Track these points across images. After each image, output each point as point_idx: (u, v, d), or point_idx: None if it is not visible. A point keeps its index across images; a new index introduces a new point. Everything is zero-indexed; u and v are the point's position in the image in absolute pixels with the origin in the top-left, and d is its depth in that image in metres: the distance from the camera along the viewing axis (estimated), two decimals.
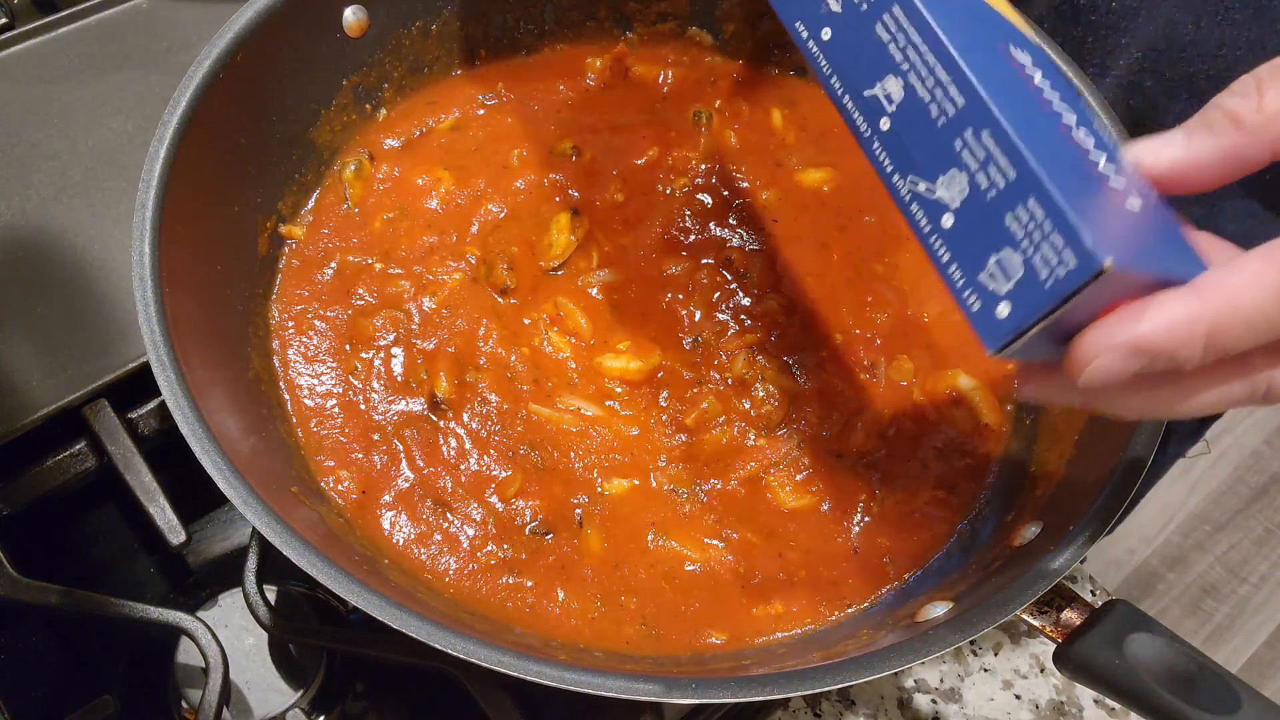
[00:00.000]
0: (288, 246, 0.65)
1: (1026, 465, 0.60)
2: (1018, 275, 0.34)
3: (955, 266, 0.35)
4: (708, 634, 0.56)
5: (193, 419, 0.48)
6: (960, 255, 0.35)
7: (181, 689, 0.59)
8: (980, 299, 0.35)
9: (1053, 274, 0.33)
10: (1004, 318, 0.34)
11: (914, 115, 0.38)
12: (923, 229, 0.36)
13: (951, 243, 0.35)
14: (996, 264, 0.35)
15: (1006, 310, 0.34)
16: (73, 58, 0.74)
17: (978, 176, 0.35)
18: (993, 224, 0.35)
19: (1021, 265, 0.34)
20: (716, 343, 0.64)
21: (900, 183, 0.38)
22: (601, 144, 0.71)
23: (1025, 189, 0.34)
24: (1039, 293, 0.34)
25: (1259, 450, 1.95)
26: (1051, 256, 0.33)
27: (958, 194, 0.36)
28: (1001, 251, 0.34)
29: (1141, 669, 0.47)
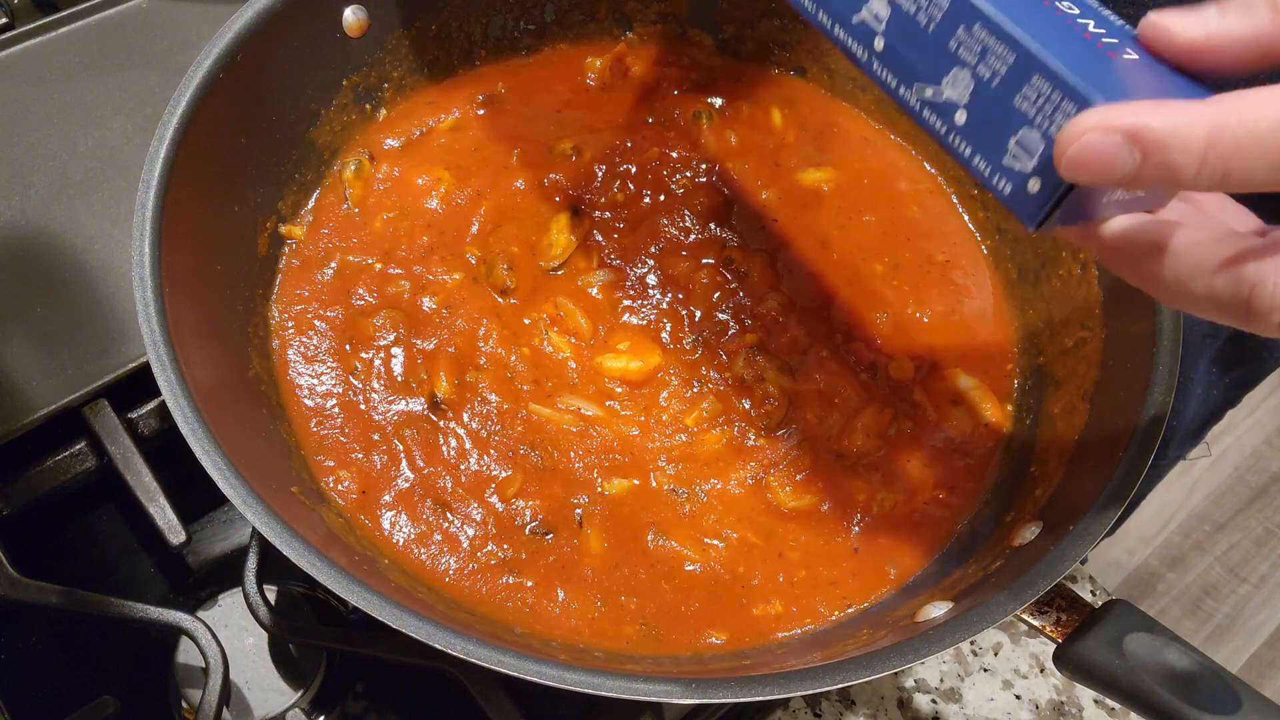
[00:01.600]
0: (288, 246, 0.65)
1: (1026, 465, 0.60)
2: (1040, 149, 0.35)
3: (979, 157, 0.36)
4: (708, 634, 0.56)
5: (193, 419, 0.48)
6: (981, 145, 0.36)
7: (181, 689, 0.59)
8: (1009, 181, 0.36)
9: None
10: (1036, 192, 0.35)
11: (904, 28, 0.39)
12: (940, 132, 0.37)
13: (970, 136, 0.37)
14: (1017, 145, 0.36)
15: (1037, 185, 0.35)
16: (73, 58, 0.74)
17: (979, 69, 0.37)
18: (1004, 109, 0.36)
19: (1041, 139, 0.35)
20: (716, 343, 0.64)
21: (908, 94, 0.38)
22: (601, 144, 0.71)
23: (1027, 69, 0.35)
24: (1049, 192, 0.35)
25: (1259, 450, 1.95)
26: (1063, 121, 0.34)
27: (964, 90, 0.37)
28: (1019, 132, 0.35)
29: (1141, 669, 0.47)
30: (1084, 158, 0.33)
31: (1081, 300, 0.62)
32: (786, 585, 0.58)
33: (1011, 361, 0.66)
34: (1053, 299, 0.64)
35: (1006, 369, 0.65)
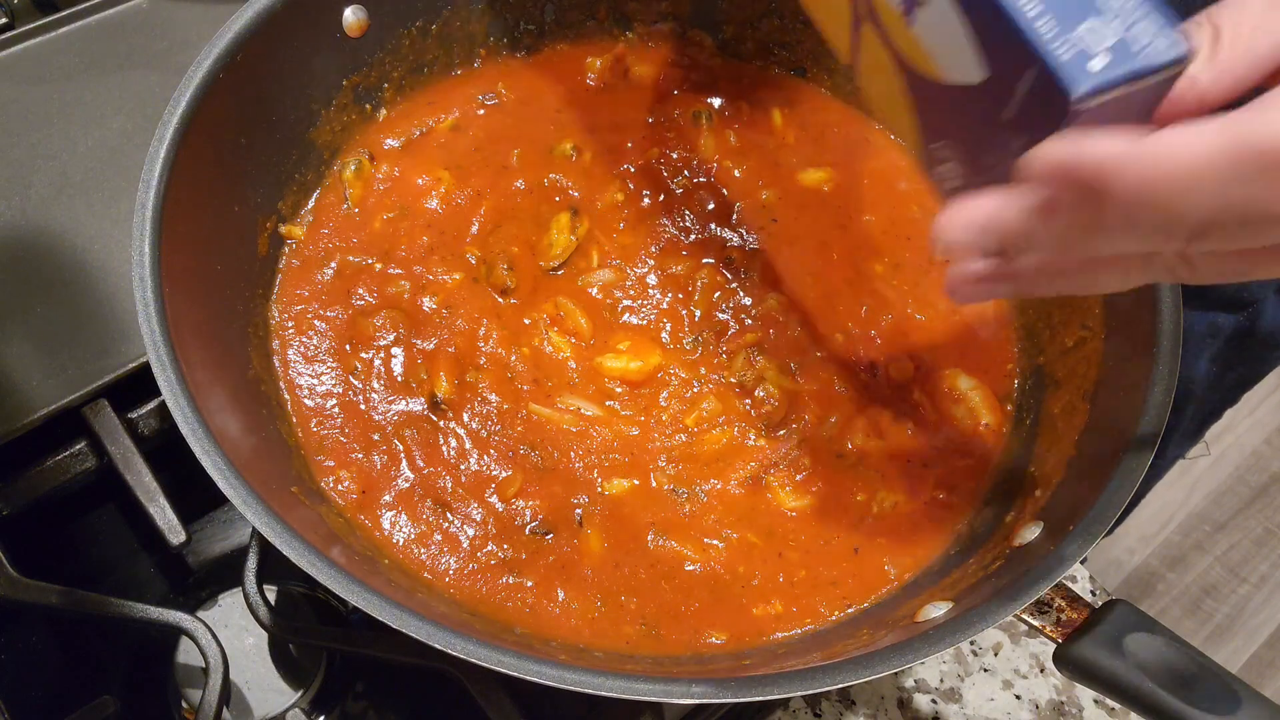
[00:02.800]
0: (288, 246, 0.65)
1: (1026, 465, 0.60)
2: (1111, 41, 0.37)
3: (1048, 19, 0.37)
4: (708, 634, 0.56)
5: (193, 419, 0.48)
6: (1052, 13, 0.37)
7: (181, 689, 0.59)
8: (1071, 50, 0.37)
9: (1147, 47, 0.37)
10: (1098, 70, 0.37)
11: None
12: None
13: (1045, 2, 0.38)
14: (1090, 29, 0.37)
15: (1101, 64, 0.37)
16: (73, 58, 0.74)
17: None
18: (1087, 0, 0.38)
19: (1115, 35, 0.37)
20: (716, 343, 0.64)
21: None
22: (601, 144, 0.71)
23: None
24: (1131, 59, 0.37)
25: (1259, 450, 1.95)
26: (1146, 35, 0.37)
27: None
28: (1094, 19, 0.37)
29: (1141, 669, 0.47)
30: (1039, 167, 0.36)
31: (1081, 300, 0.62)
32: (786, 585, 0.58)
33: (1011, 361, 0.66)
34: (1053, 299, 0.64)
35: (1006, 369, 0.65)
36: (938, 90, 0.44)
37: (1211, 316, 0.82)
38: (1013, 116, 0.40)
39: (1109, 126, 0.38)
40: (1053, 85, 0.37)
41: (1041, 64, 0.37)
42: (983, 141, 0.42)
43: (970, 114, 0.42)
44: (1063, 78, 0.37)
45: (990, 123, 0.41)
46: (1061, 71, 0.37)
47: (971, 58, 0.41)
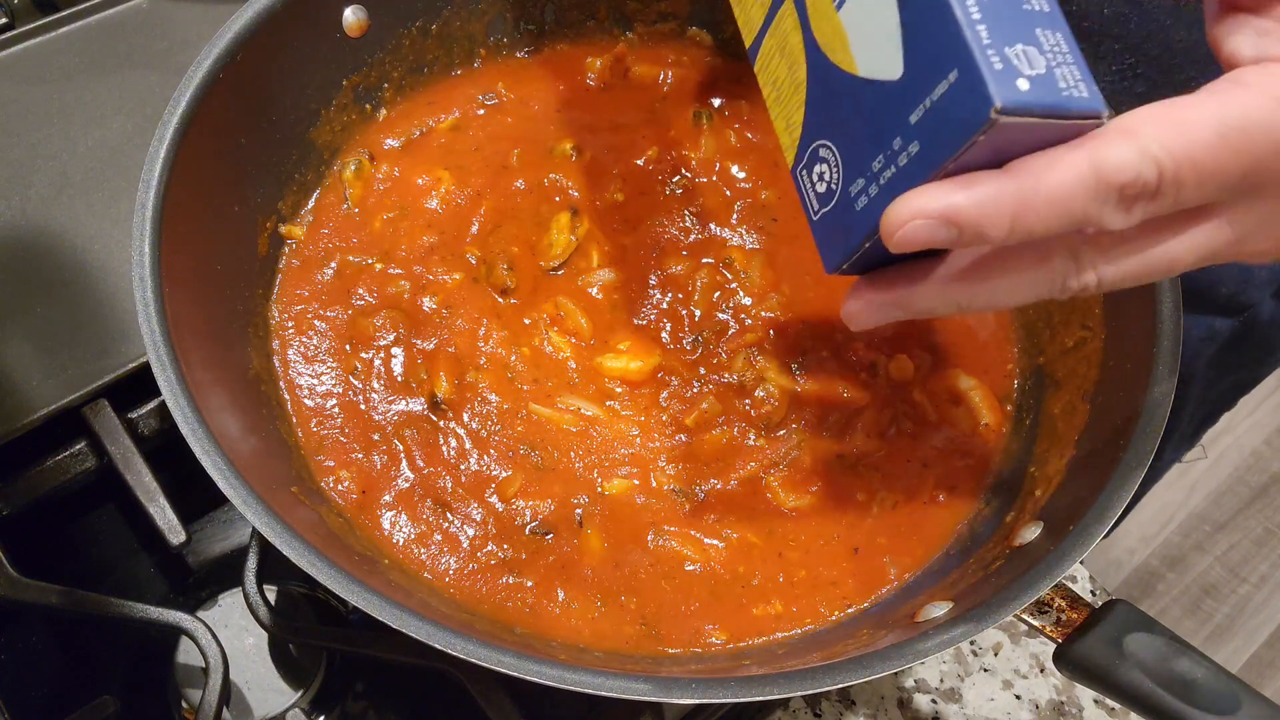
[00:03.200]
0: (288, 246, 0.65)
1: (1026, 465, 0.60)
2: (1040, 71, 0.37)
3: (984, 29, 0.37)
4: (708, 634, 0.56)
5: (193, 419, 0.48)
6: (991, 25, 0.37)
7: (181, 689, 0.59)
8: (1003, 64, 0.37)
9: (1071, 90, 0.37)
10: (1024, 90, 0.37)
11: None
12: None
13: (985, 12, 0.38)
14: (1023, 52, 0.37)
15: (1027, 86, 0.37)
16: (73, 58, 0.74)
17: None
18: (1026, 25, 0.38)
19: (1045, 67, 0.37)
20: (716, 343, 0.64)
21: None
22: (601, 144, 0.71)
23: (1054, 23, 0.38)
24: (1056, 92, 0.37)
25: (1259, 450, 1.95)
26: (1070, 79, 0.37)
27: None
28: (1029, 46, 0.37)
29: (1141, 669, 0.47)
30: (910, 239, 0.37)
31: (1081, 300, 0.62)
32: (786, 585, 0.58)
33: (1011, 361, 0.66)
34: (1053, 299, 0.64)
35: (1006, 369, 0.65)
36: (843, 84, 0.43)
37: (1208, 320, 0.82)
38: (918, 120, 0.39)
39: (1000, 158, 0.38)
40: (973, 90, 0.37)
41: (970, 68, 0.37)
42: (872, 144, 0.42)
43: (869, 114, 0.42)
44: (990, 86, 0.36)
45: (889, 125, 0.40)
46: (991, 80, 0.36)
47: (895, 51, 0.40)
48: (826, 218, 0.45)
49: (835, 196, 0.44)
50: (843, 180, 0.44)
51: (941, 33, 0.38)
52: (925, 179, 0.39)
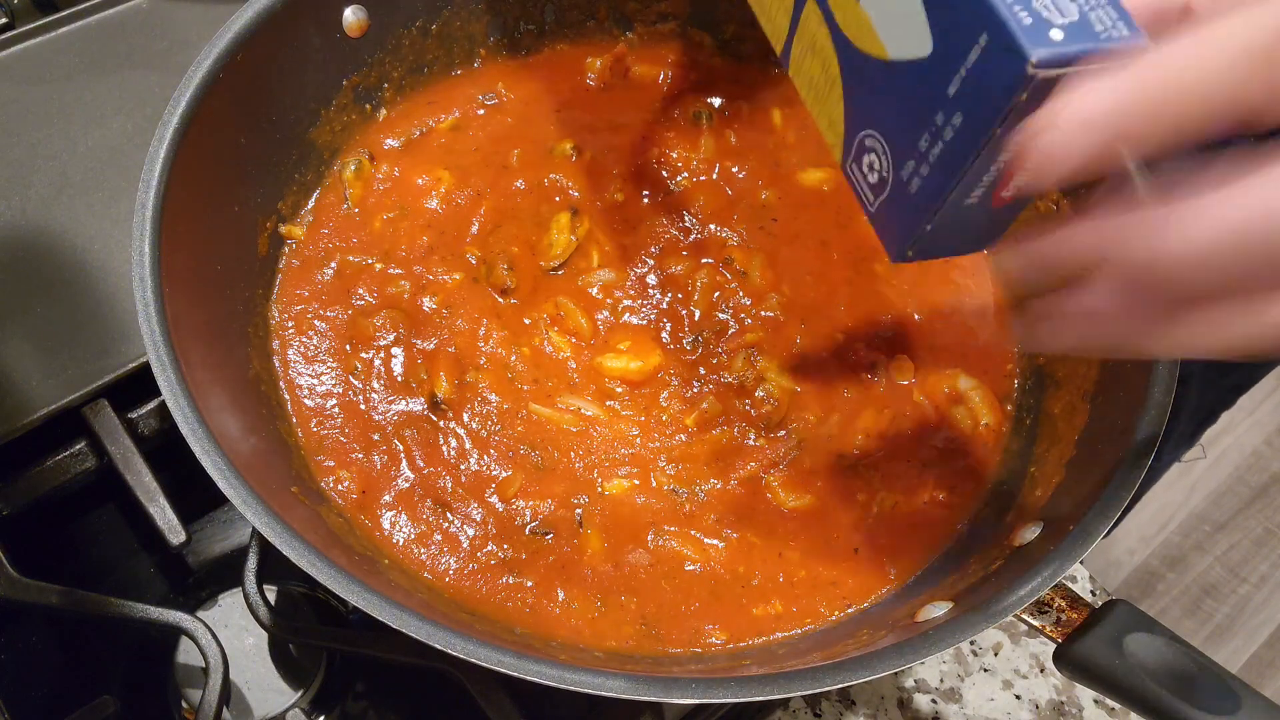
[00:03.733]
0: (288, 246, 0.65)
1: (1026, 465, 0.60)
2: (1073, 19, 0.36)
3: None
4: (708, 634, 0.56)
5: (193, 419, 0.48)
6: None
7: (181, 689, 0.59)
8: (1032, 18, 0.36)
9: (1108, 30, 0.35)
10: (1059, 40, 0.35)
11: None
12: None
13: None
14: (1052, 3, 0.36)
15: (1061, 35, 0.35)
16: (73, 58, 0.74)
17: None
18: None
19: (1077, 13, 0.36)
20: (716, 343, 0.64)
21: None
22: (601, 144, 0.71)
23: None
24: (1093, 36, 0.35)
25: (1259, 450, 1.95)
26: (1106, 20, 0.36)
27: None
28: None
29: (1141, 669, 0.47)
30: (1054, 153, 0.34)
31: None
32: (786, 585, 0.58)
33: (1011, 361, 0.66)
34: None
35: (1006, 369, 0.65)
36: (877, 71, 0.42)
37: None
38: (956, 91, 0.38)
39: (1044, 109, 0.36)
40: (1006, 50, 0.36)
41: (998, 28, 0.36)
42: (916, 124, 0.41)
43: (908, 96, 0.41)
44: (1022, 41, 0.35)
45: (929, 102, 0.40)
46: (1021, 35, 0.35)
47: (921, 28, 0.39)
48: (884, 207, 0.44)
49: (889, 184, 0.43)
50: (893, 166, 0.43)
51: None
52: (977, 149, 0.38)
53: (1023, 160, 0.35)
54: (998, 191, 0.40)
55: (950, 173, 0.40)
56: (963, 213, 0.41)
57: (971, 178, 0.39)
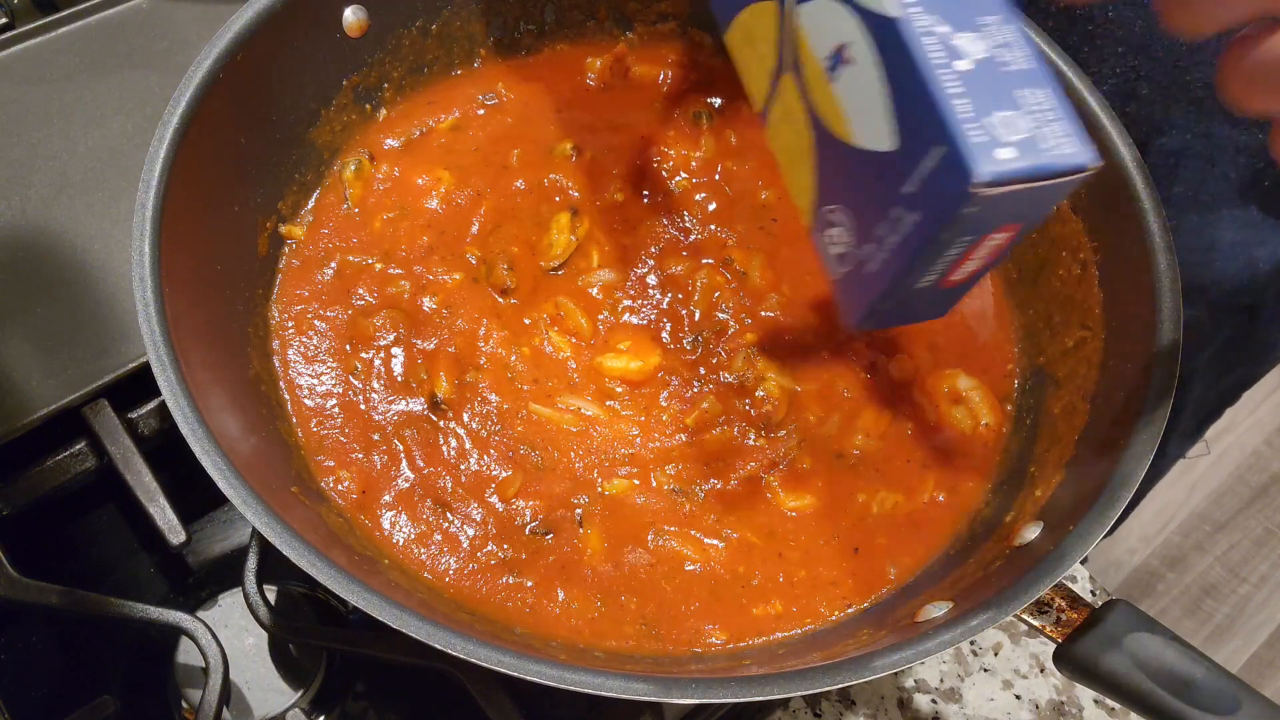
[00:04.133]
0: (288, 246, 0.65)
1: (1026, 465, 0.60)
2: (1022, 136, 0.37)
3: (966, 101, 0.38)
4: (708, 634, 0.56)
5: (193, 419, 0.48)
6: (970, 97, 0.38)
7: (181, 689, 0.59)
8: (983, 135, 0.37)
9: (1055, 148, 0.37)
10: (1004, 159, 0.37)
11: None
12: (932, 60, 0.38)
13: (965, 84, 0.38)
14: (1004, 119, 0.38)
15: (1007, 155, 0.37)
16: (73, 58, 0.74)
17: (997, 51, 0.39)
18: (1006, 89, 0.38)
19: (1027, 130, 0.38)
20: (716, 343, 0.64)
21: (919, 15, 0.39)
22: (601, 144, 0.71)
23: (1037, 80, 0.39)
24: (1039, 154, 0.37)
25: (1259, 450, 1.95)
26: (1054, 137, 0.38)
27: (977, 51, 0.39)
28: (1010, 112, 0.38)
29: (1141, 669, 0.47)
30: None
31: (1081, 300, 0.62)
32: (786, 585, 0.58)
33: (1011, 361, 0.66)
34: (1052, 299, 0.64)
35: (1006, 369, 0.65)
36: (844, 153, 0.44)
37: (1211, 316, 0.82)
38: (912, 191, 0.40)
39: (1000, 221, 0.39)
40: (957, 166, 0.37)
41: (951, 143, 0.38)
42: (876, 212, 0.43)
43: (870, 182, 0.43)
44: (968, 159, 0.37)
45: (888, 195, 0.41)
46: (969, 153, 0.37)
47: (886, 125, 0.41)
48: (845, 278, 0.47)
49: (849, 259, 0.45)
50: (854, 245, 0.45)
51: (924, 108, 0.38)
52: (926, 247, 0.40)
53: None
54: (948, 276, 0.43)
55: (903, 263, 0.42)
56: (916, 293, 0.44)
57: (922, 268, 0.42)
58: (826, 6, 0.43)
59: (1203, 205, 0.76)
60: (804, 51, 0.45)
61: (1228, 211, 0.75)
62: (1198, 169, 0.75)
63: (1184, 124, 0.73)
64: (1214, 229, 0.76)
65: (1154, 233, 0.58)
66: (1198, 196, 0.75)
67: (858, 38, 0.41)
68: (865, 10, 0.41)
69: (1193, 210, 0.76)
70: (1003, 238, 0.41)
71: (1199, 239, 0.76)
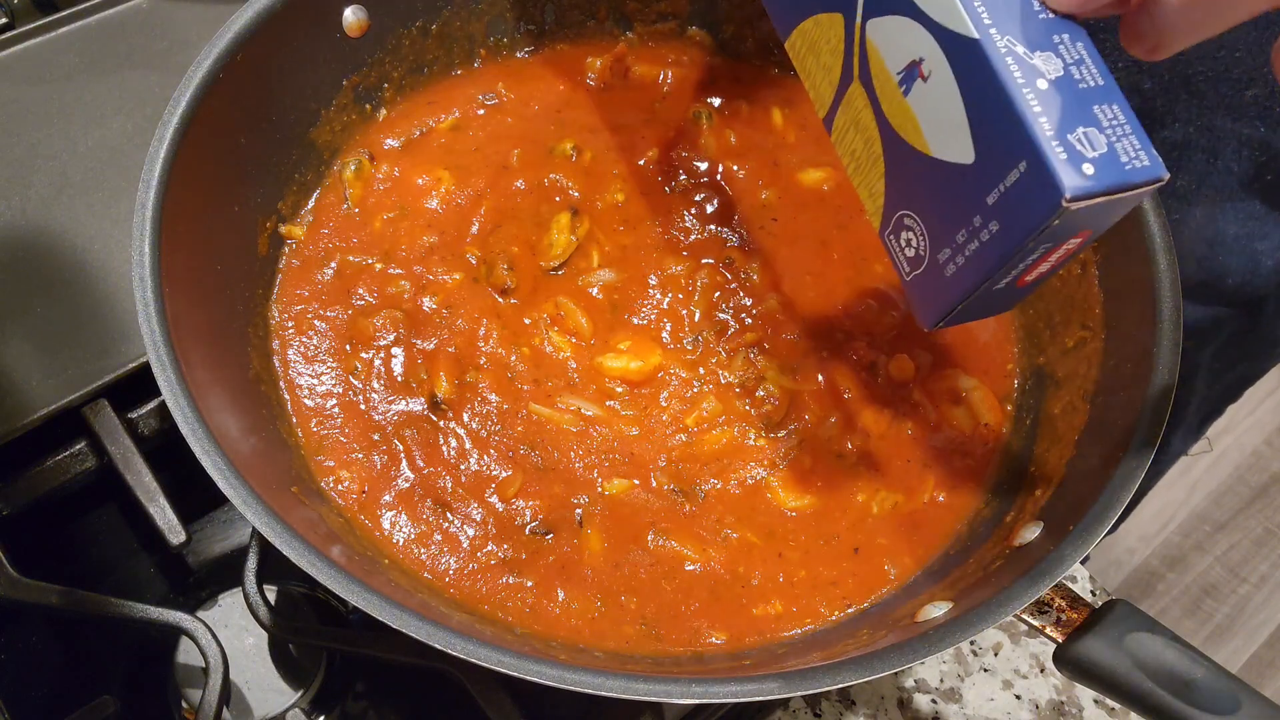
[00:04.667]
0: (288, 246, 0.65)
1: (1026, 465, 0.60)
2: (1102, 151, 0.39)
3: (1047, 121, 0.39)
4: (708, 634, 0.56)
5: (193, 419, 0.48)
6: (1052, 115, 0.39)
7: (181, 689, 0.59)
8: (1067, 152, 0.39)
9: (1132, 162, 0.39)
10: (1091, 174, 0.39)
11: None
12: (1015, 80, 0.40)
13: (1046, 103, 0.40)
14: (1084, 135, 0.39)
15: (1093, 170, 0.39)
16: (73, 58, 0.74)
17: (1071, 69, 0.40)
18: (1083, 106, 0.40)
19: (1106, 145, 0.39)
20: (716, 343, 0.64)
21: (997, 36, 0.41)
22: (601, 144, 0.71)
23: (1109, 96, 0.40)
24: (1119, 169, 0.39)
25: (1259, 450, 1.95)
26: (1130, 150, 0.40)
27: (1053, 70, 0.40)
28: (1089, 128, 0.39)
29: (1141, 669, 0.47)
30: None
31: (1081, 300, 0.62)
32: (786, 585, 0.58)
33: (1011, 361, 0.66)
34: (1053, 299, 0.64)
35: (1006, 369, 0.65)
36: (920, 162, 0.45)
37: (1214, 311, 0.82)
38: (994, 203, 0.41)
39: (1078, 229, 0.40)
40: (1043, 181, 0.39)
41: (1036, 159, 0.39)
42: (955, 220, 0.44)
43: (948, 192, 0.44)
44: (1058, 176, 0.38)
45: (968, 204, 0.42)
46: (1058, 170, 0.39)
47: (965, 139, 0.42)
48: (919, 280, 0.47)
49: (925, 262, 0.46)
50: (930, 248, 0.46)
51: (1007, 125, 0.40)
52: (1010, 254, 0.41)
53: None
54: (1024, 278, 0.44)
55: (983, 268, 0.43)
56: (991, 294, 0.45)
57: (1002, 274, 0.43)
58: (900, 23, 0.44)
59: (1205, 199, 0.76)
60: (875, 64, 0.46)
61: (1230, 205, 0.75)
62: (1200, 162, 0.75)
63: (1186, 117, 0.73)
64: (1216, 223, 0.76)
65: (1154, 233, 0.58)
66: (1200, 190, 0.75)
67: (935, 54, 0.42)
68: (943, 29, 0.42)
69: (1195, 204, 0.76)
70: (1076, 243, 0.42)
71: (1202, 233, 0.76)
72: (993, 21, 0.41)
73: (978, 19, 0.41)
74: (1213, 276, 0.78)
